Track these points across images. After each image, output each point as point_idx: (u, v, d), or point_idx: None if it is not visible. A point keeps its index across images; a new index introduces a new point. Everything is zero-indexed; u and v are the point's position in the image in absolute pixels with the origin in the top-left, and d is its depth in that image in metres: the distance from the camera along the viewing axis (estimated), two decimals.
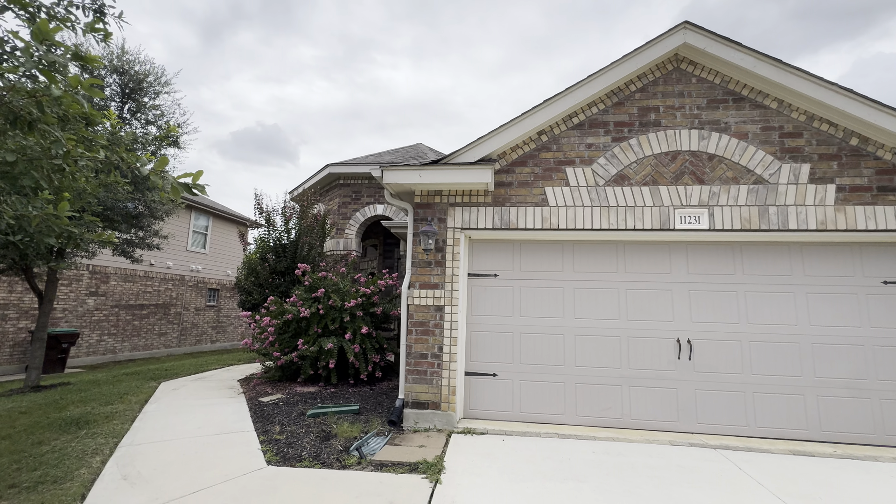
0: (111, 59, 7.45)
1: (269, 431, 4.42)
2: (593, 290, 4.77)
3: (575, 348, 4.71)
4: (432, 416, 4.54)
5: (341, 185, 9.44)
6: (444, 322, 4.69)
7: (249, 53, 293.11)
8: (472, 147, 4.77)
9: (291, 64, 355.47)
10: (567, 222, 4.67)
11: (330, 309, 6.56)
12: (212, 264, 16.78)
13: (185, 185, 2.49)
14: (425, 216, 4.90)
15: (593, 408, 4.58)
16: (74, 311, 11.84)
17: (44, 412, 5.22)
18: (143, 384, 7.05)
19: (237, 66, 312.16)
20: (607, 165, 4.72)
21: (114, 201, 7.12)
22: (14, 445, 4.00)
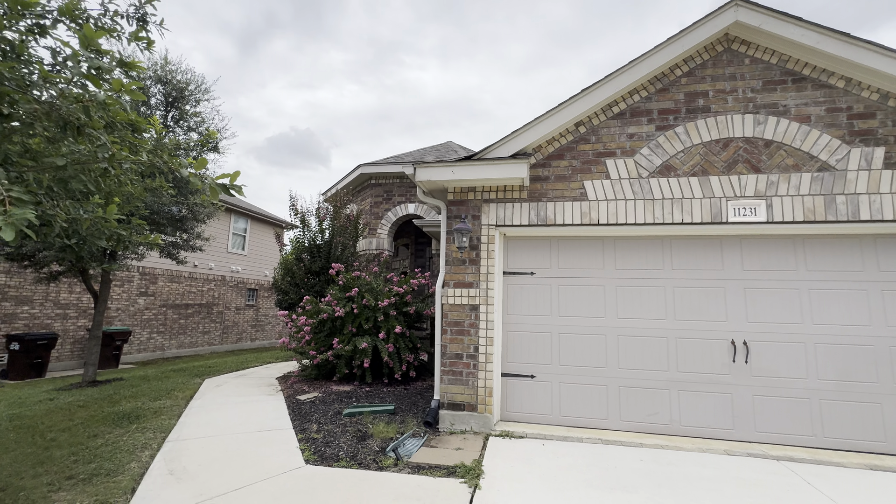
0: (155, 70, 7.80)
1: (306, 430, 4.45)
2: (637, 289, 4.52)
3: (618, 350, 4.47)
4: (468, 417, 4.43)
5: (373, 185, 9.50)
6: (479, 322, 4.57)
7: (283, 61, 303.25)
8: (507, 141, 4.62)
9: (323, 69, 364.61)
10: (608, 217, 4.43)
11: (364, 308, 6.59)
12: (250, 265, 17.39)
13: (223, 186, 2.50)
14: (459, 213, 4.80)
15: (639, 413, 4.33)
16: (126, 310, 12.55)
17: (99, 406, 5.50)
18: (189, 380, 7.34)
19: (272, 73, 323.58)
20: (651, 156, 4.45)
21: (159, 205, 7.45)
22: (72, 438, 4.21)
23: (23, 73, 2.22)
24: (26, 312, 10.20)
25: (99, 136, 2.33)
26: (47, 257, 6.80)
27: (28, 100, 2.12)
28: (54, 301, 10.76)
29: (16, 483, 3.17)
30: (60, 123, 2.24)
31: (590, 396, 4.46)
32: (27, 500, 2.92)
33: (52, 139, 2.59)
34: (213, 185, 2.44)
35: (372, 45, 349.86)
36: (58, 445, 3.98)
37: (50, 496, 2.97)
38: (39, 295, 10.46)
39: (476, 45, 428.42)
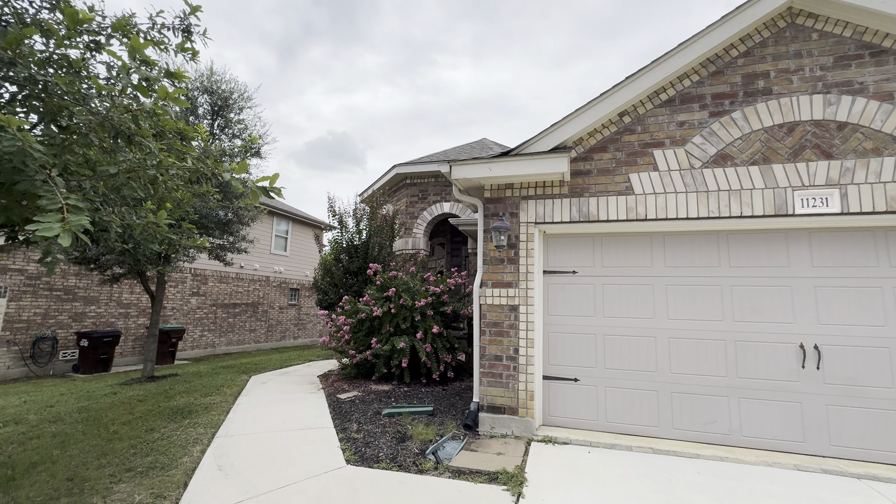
0: (202, 81, 8.19)
1: (347, 429, 4.49)
2: (690, 288, 4.21)
3: (669, 353, 4.19)
4: (509, 421, 4.30)
5: (408, 185, 9.52)
6: (518, 322, 4.43)
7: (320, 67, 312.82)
8: (545, 135, 4.44)
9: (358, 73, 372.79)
10: (656, 211, 4.16)
11: (401, 308, 6.60)
12: (292, 266, 18.01)
13: (263, 189, 2.52)
14: (496, 211, 4.67)
15: (693, 421, 4.04)
16: (180, 309, 13.33)
17: (156, 401, 5.83)
18: (236, 377, 7.65)
19: (310, 80, 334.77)
20: (704, 145, 4.13)
21: (207, 210, 7.81)
22: (132, 431, 4.47)
23: (80, 87, 2.33)
24: (93, 311, 11.05)
25: (148, 145, 2.41)
26: (109, 261, 7.30)
27: (84, 112, 2.22)
28: (117, 301, 11.58)
29: (83, 473, 3.38)
30: (113, 133, 2.33)
31: (638, 402, 4.21)
32: (92, 490, 3.10)
33: (107, 150, 2.73)
34: (255, 187, 2.46)
35: (405, 47, 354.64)
36: (119, 438, 4.22)
37: (112, 487, 3.14)
38: (104, 295, 11.30)
39: (509, 40, 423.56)
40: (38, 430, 4.62)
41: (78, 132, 2.32)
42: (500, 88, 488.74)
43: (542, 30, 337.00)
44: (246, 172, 2.70)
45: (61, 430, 4.57)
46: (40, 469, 3.49)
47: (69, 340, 10.45)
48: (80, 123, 2.22)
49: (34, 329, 9.89)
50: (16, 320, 9.59)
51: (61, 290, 10.41)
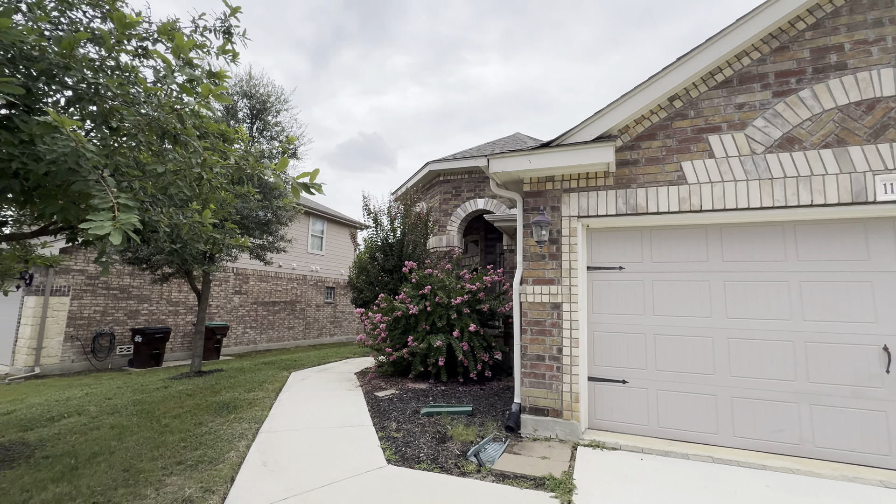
0: (241, 86, 8.43)
1: (386, 428, 4.46)
2: (751, 284, 3.88)
3: (728, 354, 3.88)
4: (553, 424, 4.13)
5: (441, 182, 9.44)
6: (562, 321, 4.24)
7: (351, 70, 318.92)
8: (588, 124, 4.22)
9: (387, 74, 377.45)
10: (713, 202, 3.85)
11: (437, 306, 6.53)
12: (328, 265, 18.40)
13: (304, 185, 2.49)
14: (536, 205, 4.49)
15: (757, 428, 3.72)
16: (224, 307, 13.89)
17: (203, 395, 6.04)
18: (277, 373, 7.84)
19: (341, 83, 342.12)
20: (767, 128, 3.78)
21: (248, 210, 8.05)
22: (182, 424, 4.62)
23: (129, 91, 2.38)
24: (146, 309, 11.68)
25: (192, 143, 2.43)
26: (159, 260, 7.66)
27: (133, 113, 2.26)
28: (167, 299, 12.20)
29: (137, 465, 3.51)
30: (159, 132, 2.36)
31: (694, 407, 3.92)
32: (146, 482, 3.20)
33: (155, 151, 2.79)
34: (295, 184, 2.43)
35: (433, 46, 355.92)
36: (170, 431, 4.38)
37: (164, 480, 3.23)
38: (155, 294, 11.93)
39: (538, 34, 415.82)
40: (98, 422, 4.87)
41: (127, 133, 2.36)
42: (529, 83, 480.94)
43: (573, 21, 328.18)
44: (284, 171, 2.68)
45: (118, 422, 4.80)
46: (99, 459, 3.65)
47: (125, 336, 11.11)
48: (128, 124, 2.26)
49: (94, 325, 10.56)
50: (78, 317, 10.27)
51: (117, 290, 11.07)
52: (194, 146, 2.43)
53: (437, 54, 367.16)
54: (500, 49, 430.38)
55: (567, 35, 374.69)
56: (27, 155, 2.05)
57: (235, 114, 8.61)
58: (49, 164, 2.01)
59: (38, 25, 2.29)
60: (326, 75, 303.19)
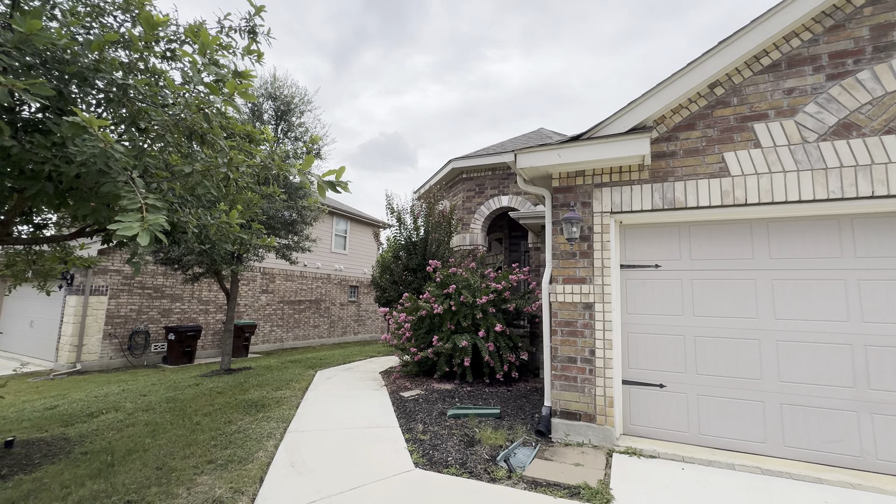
0: (266, 88, 8.54)
1: (412, 429, 4.39)
2: (803, 283, 3.60)
3: (777, 358, 3.62)
4: (586, 429, 3.96)
5: (465, 180, 9.32)
6: (594, 322, 4.06)
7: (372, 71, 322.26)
8: (621, 115, 4.02)
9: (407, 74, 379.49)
10: (759, 194, 3.60)
11: (461, 305, 6.42)
12: (351, 264, 18.57)
13: (330, 183, 2.43)
14: (566, 201, 4.32)
15: (811, 438, 3.45)
16: (252, 306, 14.19)
17: (232, 393, 6.14)
18: (304, 372, 7.92)
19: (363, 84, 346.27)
20: (820, 114, 3.50)
21: (274, 211, 8.15)
22: (213, 422, 4.69)
23: (157, 92, 2.37)
24: (178, 308, 12.05)
25: (219, 143, 2.40)
26: (190, 261, 7.84)
27: (160, 114, 2.24)
28: (198, 298, 12.55)
29: (170, 463, 3.55)
30: (187, 133, 2.34)
31: (740, 414, 3.68)
32: (178, 480, 3.23)
33: (185, 154, 2.80)
34: (321, 182, 2.37)
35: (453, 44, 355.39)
36: (201, 429, 4.44)
37: (195, 479, 3.25)
38: (187, 293, 12.29)
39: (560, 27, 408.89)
40: (133, 419, 5.00)
41: (156, 134, 2.35)
42: (551, 78, 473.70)
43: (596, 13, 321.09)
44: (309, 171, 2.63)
45: (152, 420, 4.91)
46: (134, 457, 3.72)
47: (159, 334, 11.49)
48: (156, 125, 2.25)
49: (130, 324, 10.96)
50: (115, 316, 10.68)
51: (151, 289, 11.46)
52: (220, 146, 2.40)
53: (457, 52, 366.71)
54: (520, 44, 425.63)
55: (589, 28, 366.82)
56: (59, 157, 2.06)
57: (261, 115, 8.73)
58: (80, 166, 2.01)
59: (71, 30, 2.31)
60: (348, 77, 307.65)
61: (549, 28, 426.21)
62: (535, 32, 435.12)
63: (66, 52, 2.24)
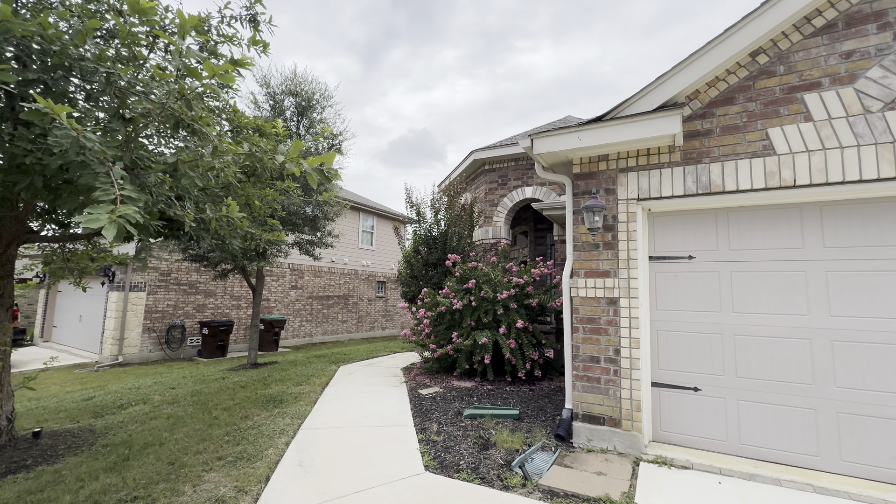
0: (287, 85, 8.57)
1: (426, 429, 4.23)
2: (865, 275, 3.14)
3: (833, 360, 3.18)
4: (610, 434, 3.66)
5: (487, 171, 9.04)
6: (619, 318, 3.74)
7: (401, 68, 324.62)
8: (649, 91, 3.65)
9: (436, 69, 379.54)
10: (810, 175, 3.16)
11: (482, 301, 6.19)
12: (378, 259, 18.68)
13: (319, 171, 2.26)
14: (588, 188, 4.00)
15: (874, 453, 3.01)
16: (282, 301, 14.52)
17: (254, 388, 6.20)
18: (326, 367, 7.94)
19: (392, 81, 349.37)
20: (886, 78, 3.01)
21: (294, 207, 8.18)
22: (230, 417, 4.71)
23: (139, 77, 2.30)
24: (211, 303, 12.47)
25: (202, 131, 2.29)
26: (215, 257, 8.01)
27: (142, 101, 2.16)
28: (230, 294, 12.95)
29: (182, 459, 3.56)
30: (172, 122, 2.25)
31: (787, 422, 3.27)
32: (186, 477, 3.21)
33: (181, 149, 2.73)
34: (310, 170, 2.21)
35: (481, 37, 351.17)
36: (218, 424, 4.46)
37: (202, 476, 3.22)
38: (220, 289, 12.69)
39: (592, 13, 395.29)
40: (157, 412, 5.11)
41: (142, 123, 2.27)
42: (583, 67, 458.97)
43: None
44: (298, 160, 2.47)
45: (174, 413, 5.00)
46: (149, 451, 3.76)
47: (194, 328, 11.93)
48: (140, 111, 2.16)
49: (167, 319, 11.44)
50: (153, 311, 11.17)
51: (186, 285, 11.90)
52: (205, 134, 2.30)
53: (485, 45, 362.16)
54: (550, 34, 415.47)
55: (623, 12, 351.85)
56: (42, 150, 2.00)
57: (283, 112, 8.78)
58: (60, 158, 1.94)
59: (56, 20, 2.26)
60: (377, 75, 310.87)
61: (581, 15, 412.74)
62: (566, 20, 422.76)
63: (54, 43, 2.18)
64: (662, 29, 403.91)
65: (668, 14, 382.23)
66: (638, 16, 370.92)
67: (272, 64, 10.73)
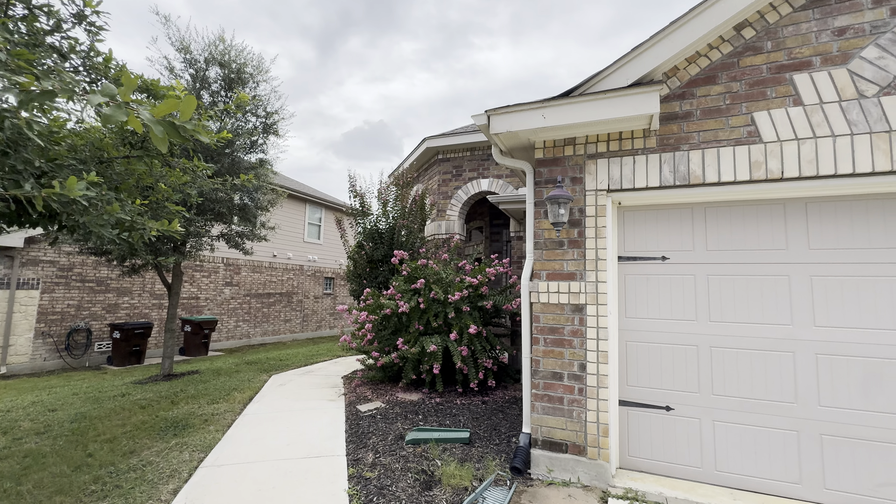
0: (210, 51, 7.38)
1: (360, 461, 3.52)
2: (852, 280, 2.81)
3: (817, 376, 2.83)
4: (574, 463, 3.14)
5: (441, 161, 8.37)
6: (585, 328, 3.22)
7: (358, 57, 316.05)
8: (622, 65, 3.13)
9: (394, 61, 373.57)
10: (799, 166, 2.77)
11: (432, 303, 5.54)
12: (326, 254, 17.51)
13: (168, 124, 1.48)
14: (552, 177, 3.44)
15: (860, 480, 2.69)
16: (214, 299, 13.08)
17: (158, 407, 5.17)
18: (256, 377, 6.98)
19: (348, 71, 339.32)
20: (883, 59, 2.67)
21: (222, 194, 7.07)
22: (110, 453, 3.74)
23: None
24: (126, 303, 10.90)
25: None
26: (118, 251, 6.75)
27: None
28: (150, 292, 11.40)
29: None
30: None
31: (767, 446, 2.90)
32: None
33: None
34: (151, 123, 1.42)
35: (441, 31, 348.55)
36: (89, 466, 3.49)
37: None
38: (137, 286, 11.12)
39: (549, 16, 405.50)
40: (17, 447, 4.01)
41: None
42: (539, 68, 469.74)
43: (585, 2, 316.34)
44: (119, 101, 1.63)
45: (37, 449, 3.93)
46: None
47: (103, 332, 10.35)
48: None
49: (68, 321, 9.80)
50: (49, 312, 9.51)
51: (94, 282, 10.28)
52: None
53: (444, 39, 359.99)
54: (508, 33, 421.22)
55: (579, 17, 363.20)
56: None
57: (208, 84, 7.58)
58: None
59: None
60: (333, 63, 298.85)
61: (538, 16, 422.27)
62: (524, 20, 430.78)
63: None
64: (614, 36, 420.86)
65: (620, 22, 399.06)
66: (591, 21, 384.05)
67: (192, 25, 9.37)
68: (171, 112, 1.48)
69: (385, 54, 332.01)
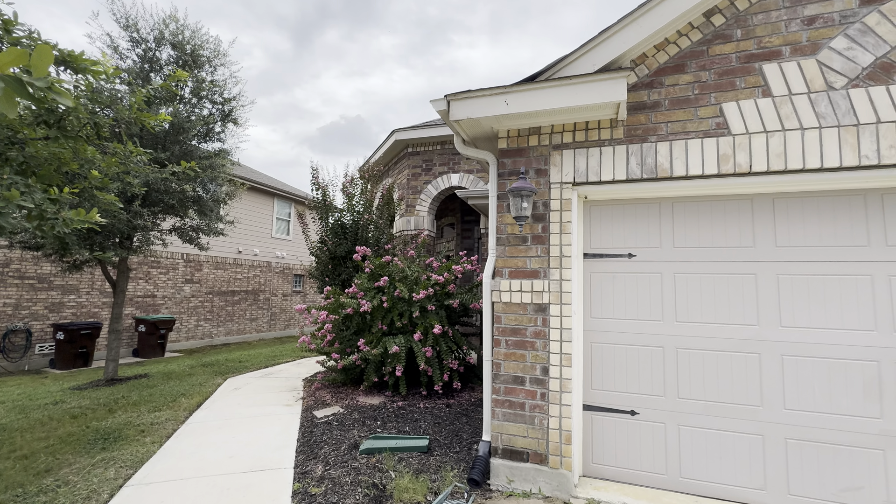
0: (161, 30, 6.84)
1: (308, 473, 3.24)
2: (819, 279, 2.72)
3: (783, 378, 2.74)
4: (535, 473, 2.95)
5: (410, 155, 8.09)
6: (548, 329, 3.03)
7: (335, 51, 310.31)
8: (589, 49, 2.95)
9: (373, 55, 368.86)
10: (768, 160, 2.66)
11: (396, 301, 5.28)
12: (296, 250, 16.93)
13: (15, 80, 1.16)
14: (515, 168, 3.23)
15: (823, 484, 2.61)
16: (173, 297, 12.38)
17: (92, 416, 4.71)
18: (209, 380, 6.55)
19: (325, 64, 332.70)
20: (851, 50, 2.58)
21: (174, 184, 6.57)
22: (22, 473, 3.31)
23: None
24: (73, 301, 10.14)
25: None
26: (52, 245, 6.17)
27: None
28: (99, 290, 10.66)
29: None
30: None
31: (732, 451, 2.79)
32: None
33: None
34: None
35: (420, 27, 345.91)
36: None
37: None
38: (85, 283, 10.37)
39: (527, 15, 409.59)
40: None
41: None
42: (517, 67, 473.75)
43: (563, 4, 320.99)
44: None
45: None
46: None
47: (46, 333, 9.58)
48: None
49: (4, 321, 9.01)
50: None
51: (34, 278, 9.49)
52: None
53: (424, 35, 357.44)
54: (488, 31, 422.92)
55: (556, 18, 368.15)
56: None
57: (159, 67, 7.04)
58: None
59: None
60: (309, 55, 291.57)
61: (517, 16, 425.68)
62: (503, 19, 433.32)
63: None
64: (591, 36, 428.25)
65: (596, 24, 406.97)
66: (568, 23, 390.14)
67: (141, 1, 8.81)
68: (19, 65, 1.17)
69: (363, 48, 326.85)
